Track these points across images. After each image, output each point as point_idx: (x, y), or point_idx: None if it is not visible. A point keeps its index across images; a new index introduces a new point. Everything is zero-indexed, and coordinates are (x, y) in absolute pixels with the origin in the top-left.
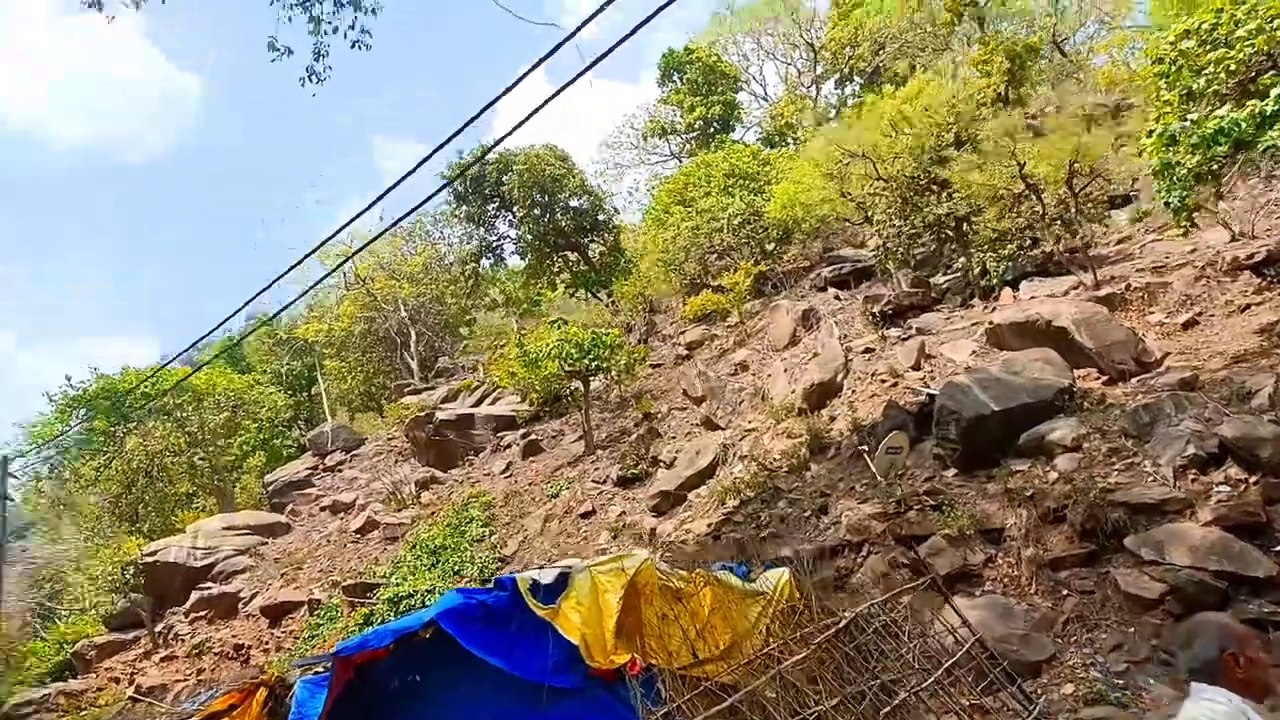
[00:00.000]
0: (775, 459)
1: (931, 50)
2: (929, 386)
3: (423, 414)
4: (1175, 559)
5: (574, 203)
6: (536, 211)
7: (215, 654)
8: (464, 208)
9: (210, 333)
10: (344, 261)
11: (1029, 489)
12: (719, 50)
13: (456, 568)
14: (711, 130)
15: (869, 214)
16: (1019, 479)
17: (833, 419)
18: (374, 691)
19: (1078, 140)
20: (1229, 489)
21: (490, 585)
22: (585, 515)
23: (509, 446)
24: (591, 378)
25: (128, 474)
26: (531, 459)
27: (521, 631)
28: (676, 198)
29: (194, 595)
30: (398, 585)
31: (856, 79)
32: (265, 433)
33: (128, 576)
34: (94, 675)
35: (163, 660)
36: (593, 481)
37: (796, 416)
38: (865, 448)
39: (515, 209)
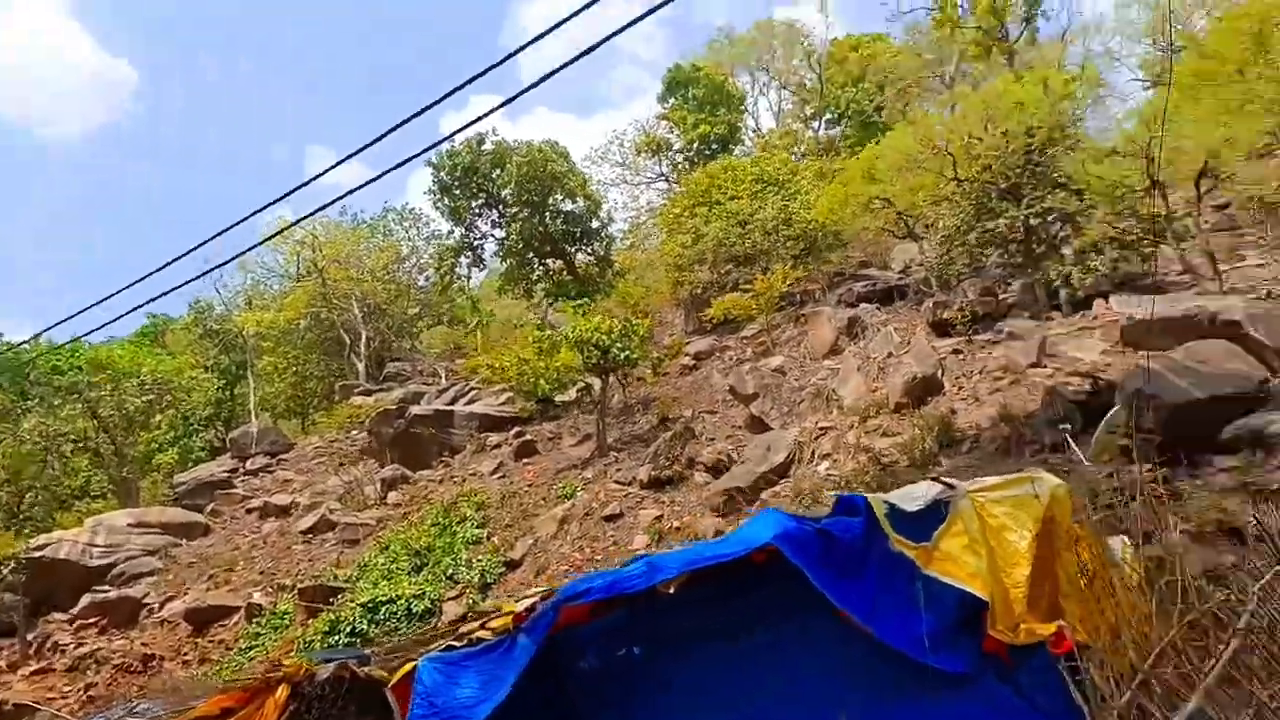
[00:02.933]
0: (887, 453)
1: (937, 91)
2: (1095, 376)
3: (394, 409)
4: None
5: (567, 206)
6: (527, 211)
7: (113, 667)
8: (446, 200)
9: (134, 310)
10: (278, 233)
11: (1274, 483)
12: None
13: (449, 571)
14: (711, 150)
15: (912, 228)
16: (1258, 472)
17: (952, 412)
18: (557, 672)
19: (1216, 135)
20: None
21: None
22: (611, 518)
23: (498, 447)
24: (612, 373)
25: (18, 459)
26: (526, 460)
27: (881, 578)
28: (699, 200)
29: (84, 599)
30: (373, 588)
31: (849, 118)
32: (182, 428)
33: (4, 574)
34: None
35: (35, 674)
36: (615, 483)
37: (892, 414)
38: (1067, 427)
39: (504, 206)
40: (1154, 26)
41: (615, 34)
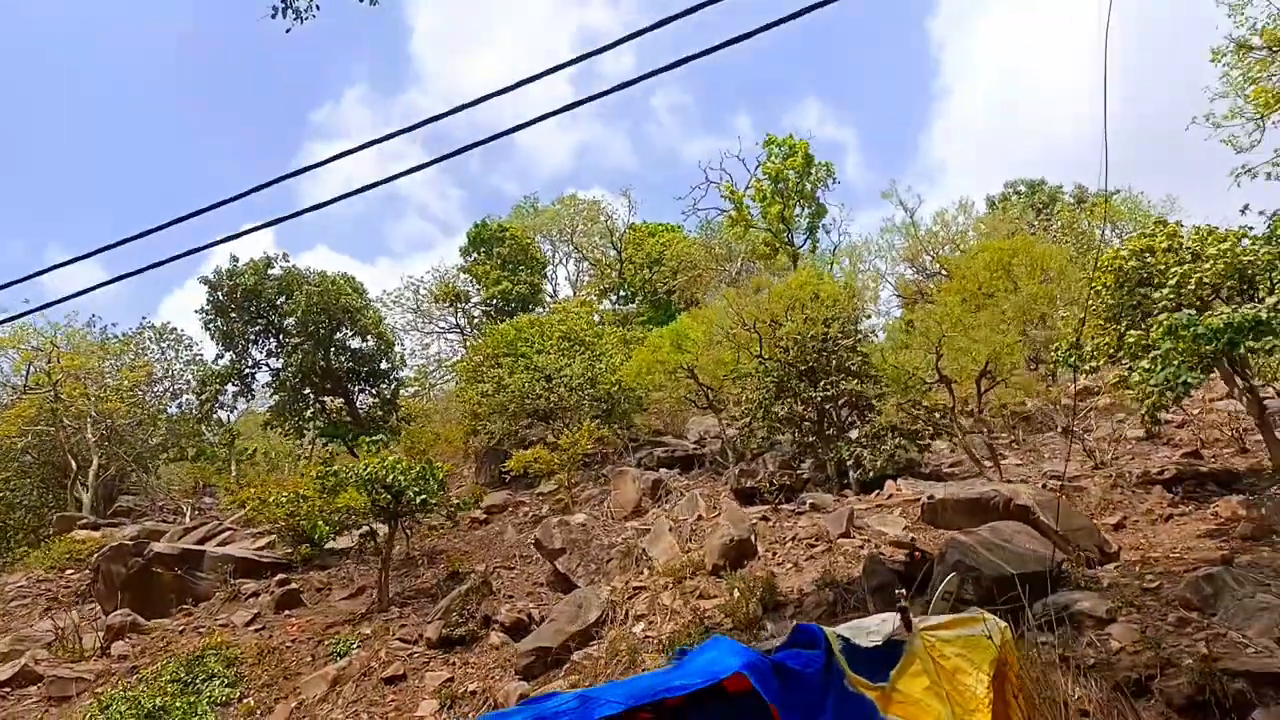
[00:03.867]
0: (710, 615)
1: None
2: (913, 547)
3: (130, 544)
4: None
5: (355, 344)
6: (310, 343)
7: None
8: (220, 322)
9: None
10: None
11: (1089, 658)
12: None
13: None
14: (510, 308)
15: (712, 400)
16: (1073, 648)
17: (772, 575)
18: None
19: (999, 340)
20: None
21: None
22: (392, 680)
23: (255, 595)
24: (401, 518)
25: None
26: (288, 612)
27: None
28: (503, 350)
29: None
30: None
31: (643, 296)
32: None
33: None
34: None
35: None
36: (399, 640)
37: (709, 575)
38: (903, 591)
39: (285, 336)
40: (912, 251)
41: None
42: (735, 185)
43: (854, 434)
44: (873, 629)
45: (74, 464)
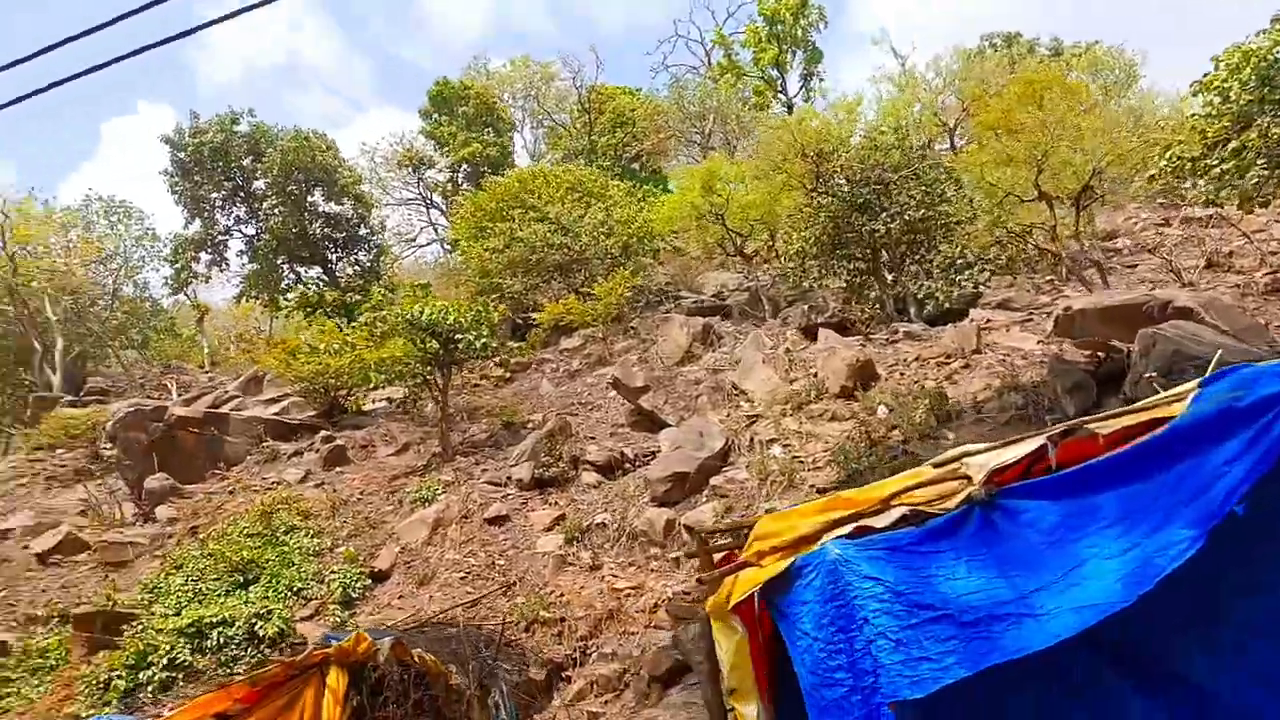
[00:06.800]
0: (857, 435)
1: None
2: (1099, 345)
3: (150, 410)
4: None
5: (331, 207)
6: (284, 207)
7: None
8: (185, 184)
9: None
10: None
11: None
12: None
13: (293, 585)
14: (481, 172)
15: (740, 245)
16: None
17: (940, 386)
18: None
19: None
20: None
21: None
22: (495, 521)
23: (299, 454)
24: (458, 366)
25: None
26: (340, 468)
27: None
28: (512, 203)
29: None
30: (201, 609)
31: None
32: None
33: None
34: None
35: None
36: (488, 484)
37: (833, 398)
38: (1153, 375)
39: (261, 200)
40: (906, 100)
41: None
42: (703, 40)
43: (913, 269)
44: None
45: (37, 344)
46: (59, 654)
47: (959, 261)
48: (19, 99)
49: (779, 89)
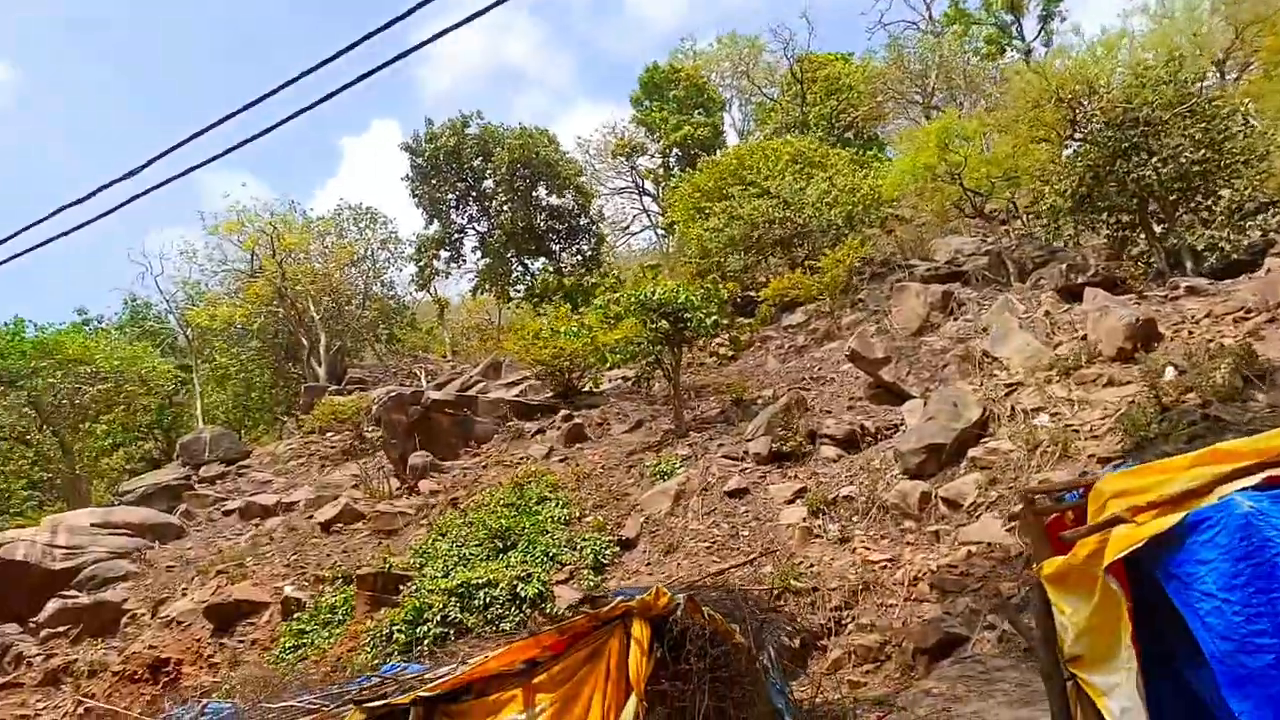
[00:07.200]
0: (1169, 395)
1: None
2: None
3: (408, 395)
4: None
5: (555, 200)
6: (512, 203)
7: (113, 675)
8: (424, 188)
9: None
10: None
11: None
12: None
13: (548, 551)
14: (691, 155)
15: (980, 206)
16: None
17: (1256, 339)
18: None
19: None
20: None
21: None
22: (735, 494)
23: (541, 432)
24: (687, 344)
25: None
26: (579, 445)
27: None
28: (732, 180)
29: (51, 606)
30: (467, 572)
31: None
32: (120, 435)
33: None
34: None
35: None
36: (726, 458)
37: (1108, 362)
38: None
39: (490, 198)
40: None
41: None
42: None
43: (1186, 218)
44: None
45: (304, 341)
46: (345, 610)
47: (1247, 205)
48: (284, 121)
49: (1015, 34)
